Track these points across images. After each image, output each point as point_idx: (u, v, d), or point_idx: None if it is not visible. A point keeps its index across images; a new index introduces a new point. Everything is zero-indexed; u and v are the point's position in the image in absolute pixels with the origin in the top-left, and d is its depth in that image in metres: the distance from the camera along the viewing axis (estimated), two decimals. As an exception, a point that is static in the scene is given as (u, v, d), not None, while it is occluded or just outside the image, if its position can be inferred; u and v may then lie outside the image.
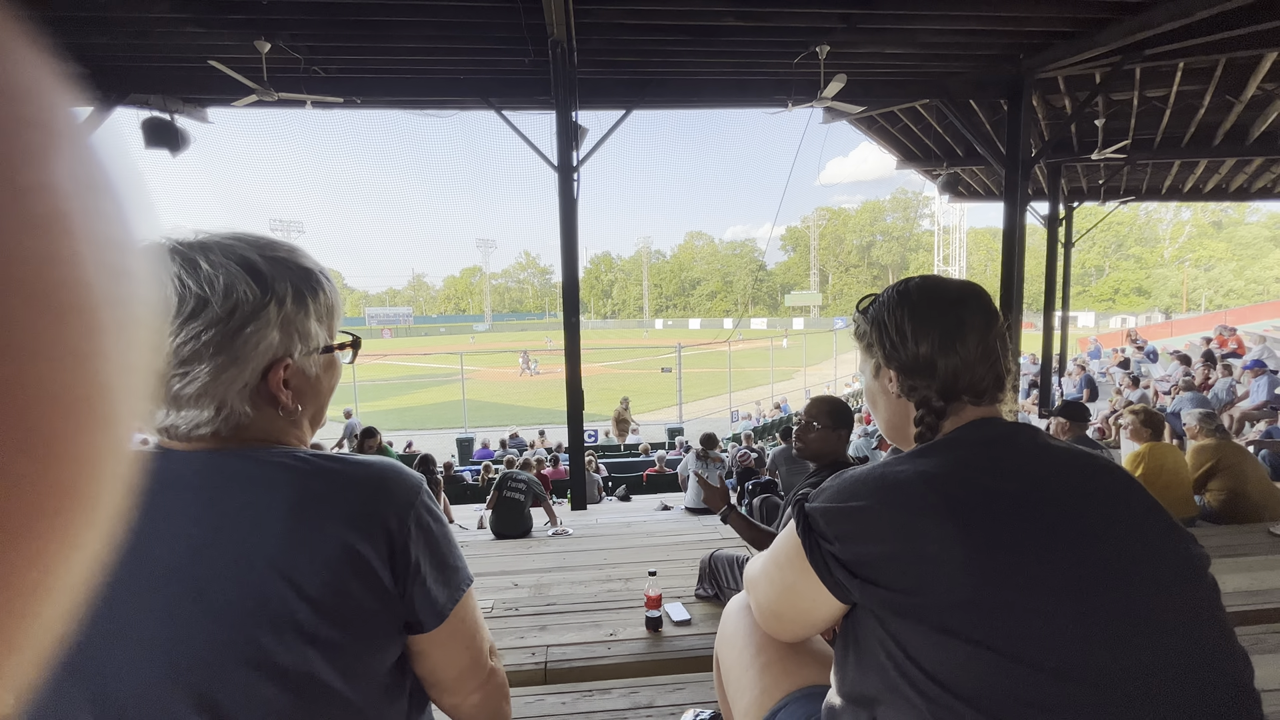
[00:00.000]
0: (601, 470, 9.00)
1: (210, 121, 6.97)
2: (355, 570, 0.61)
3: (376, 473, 0.66)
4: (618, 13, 4.95)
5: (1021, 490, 0.72)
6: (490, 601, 2.97)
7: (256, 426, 0.65)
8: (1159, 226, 60.15)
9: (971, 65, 6.14)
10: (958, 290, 0.86)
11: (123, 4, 4.66)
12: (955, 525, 0.68)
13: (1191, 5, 4.60)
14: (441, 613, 0.67)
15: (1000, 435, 0.79)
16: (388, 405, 20.96)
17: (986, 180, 11.28)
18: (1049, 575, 0.66)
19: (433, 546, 0.67)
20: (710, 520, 4.94)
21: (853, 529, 0.73)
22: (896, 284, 0.89)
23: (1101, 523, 0.70)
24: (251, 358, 0.63)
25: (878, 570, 0.71)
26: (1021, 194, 6.49)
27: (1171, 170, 10.75)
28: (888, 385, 0.88)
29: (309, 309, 0.67)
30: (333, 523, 0.61)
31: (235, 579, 0.58)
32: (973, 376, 0.82)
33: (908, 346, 0.84)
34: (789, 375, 24.98)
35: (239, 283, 0.61)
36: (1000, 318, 0.85)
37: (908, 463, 0.76)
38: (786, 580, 0.83)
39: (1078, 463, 0.76)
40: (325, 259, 4.74)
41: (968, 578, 0.66)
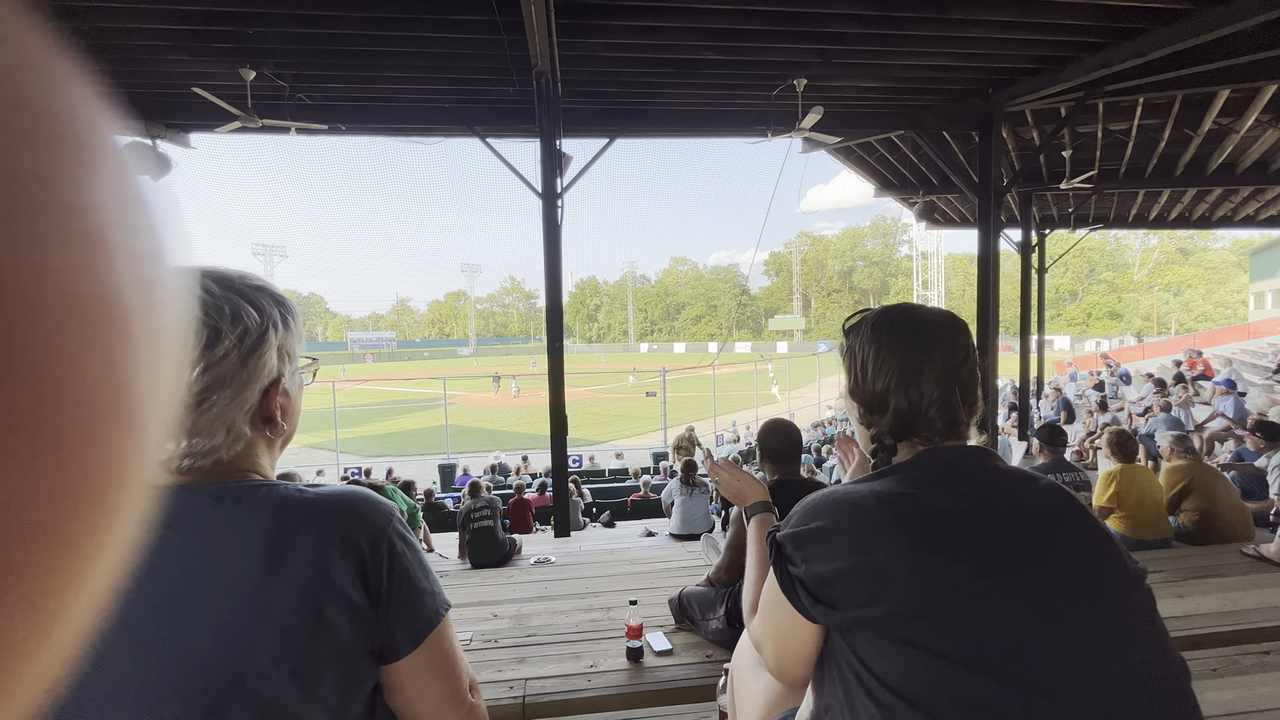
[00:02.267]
0: (585, 496, 8.91)
1: (193, 147, 6.95)
2: (330, 596, 0.61)
3: (347, 500, 0.67)
4: (601, 45, 5.07)
5: (968, 506, 0.76)
6: (469, 634, 2.91)
7: (243, 454, 0.67)
8: (1128, 253, 62.10)
9: (943, 99, 6.37)
10: (929, 328, 0.86)
11: (107, 31, 4.68)
12: (905, 537, 0.72)
13: (1146, 45, 4.83)
14: (417, 637, 0.67)
15: (952, 459, 0.82)
16: (369, 431, 20.63)
17: (961, 208, 11.59)
18: (994, 584, 0.70)
19: (407, 570, 0.68)
20: (694, 547, 4.90)
21: (815, 549, 0.76)
22: (879, 311, 0.90)
23: (1044, 536, 0.74)
24: (258, 380, 0.66)
25: (835, 589, 0.74)
26: (994, 221, 6.68)
27: (1137, 199, 11.14)
28: (854, 411, 0.92)
29: (293, 330, 0.71)
30: (306, 551, 0.61)
31: (211, 616, 0.58)
32: (924, 420, 0.83)
33: (867, 381, 0.87)
34: (773, 399, 25.09)
35: (241, 310, 0.65)
36: (970, 357, 0.86)
37: (864, 484, 0.80)
38: (773, 621, 0.84)
39: (1023, 482, 0.80)
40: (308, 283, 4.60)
41: (916, 587, 0.70)
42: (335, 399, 17.02)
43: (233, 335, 0.63)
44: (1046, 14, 4.60)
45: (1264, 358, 14.31)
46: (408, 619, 0.66)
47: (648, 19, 4.64)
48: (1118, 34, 4.93)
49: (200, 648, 0.57)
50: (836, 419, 20.01)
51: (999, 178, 6.64)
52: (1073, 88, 5.70)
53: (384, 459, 14.91)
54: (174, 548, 0.60)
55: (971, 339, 0.88)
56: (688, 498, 5.64)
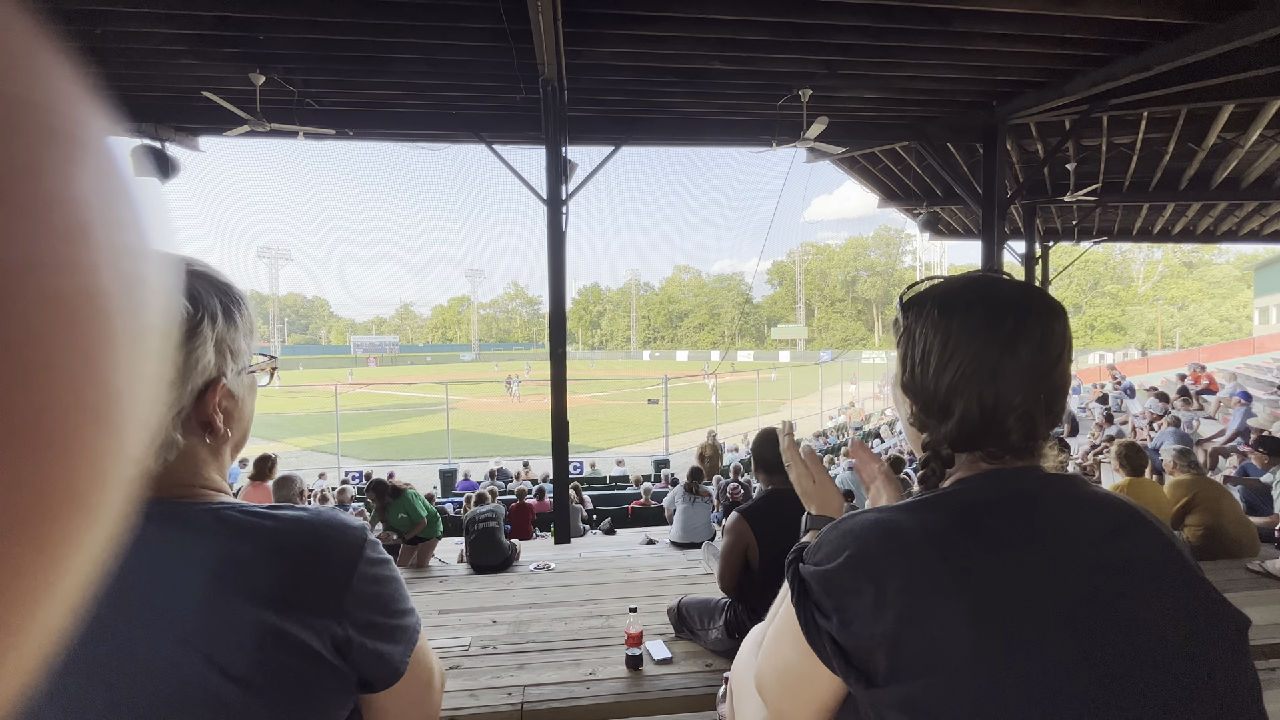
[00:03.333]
0: (586, 502, 8.89)
1: (201, 150, 7.01)
2: (288, 649, 0.55)
3: (309, 534, 0.59)
4: (607, 54, 5.11)
5: (1046, 565, 0.61)
6: (468, 639, 2.90)
7: (181, 463, 0.60)
8: (1132, 265, 62.06)
9: (947, 110, 6.39)
10: (1017, 315, 0.66)
11: (120, 35, 4.73)
12: (965, 604, 0.58)
13: (1150, 59, 4.85)
14: (398, 669, 0.63)
15: (1025, 490, 0.66)
16: (371, 435, 20.64)
17: (965, 219, 11.61)
18: (1070, 677, 0.56)
19: (380, 608, 0.62)
20: (695, 555, 4.88)
21: (850, 601, 0.62)
22: (949, 284, 0.72)
23: (1139, 609, 0.59)
24: (189, 379, 0.59)
25: (870, 657, 0.61)
26: (998, 233, 6.69)
27: (1141, 212, 11.15)
28: (905, 408, 0.75)
29: (238, 325, 0.63)
30: (257, 602, 0.54)
31: (146, 661, 0.52)
32: (997, 431, 0.67)
33: (928, 375, 0.69)
34: (775, 408, 25.05)
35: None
36: (1065, 355, 0.68)
37: (912, 514, 0.64)
38: (784, 658, 0.70)
39: (1113, 527, 0.64)
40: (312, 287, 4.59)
41: (974, 672, 0.56)
42: (338, 402, 17.04)
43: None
44: (1051, 28, 4.63)
45: (1269, 373, 14.25)
46: (385, 654, 0.62)
47: (654, 28, 4.67)
48: (1122, 48, 4.95)
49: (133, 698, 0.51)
50: (848, 427, 19.96)
51: (1003, 190, 6.66)
52: (1077, 101, 5.72)
53: (385, 462, 14.90)
54: (109, 575, 0.52)
55: (1069, 329, 0.68)
56: (690, 506, 5.62)
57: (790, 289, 78.96)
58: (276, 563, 0.57)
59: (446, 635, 2.96)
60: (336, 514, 0.63)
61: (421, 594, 3.91)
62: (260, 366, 0.68)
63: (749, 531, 2.37)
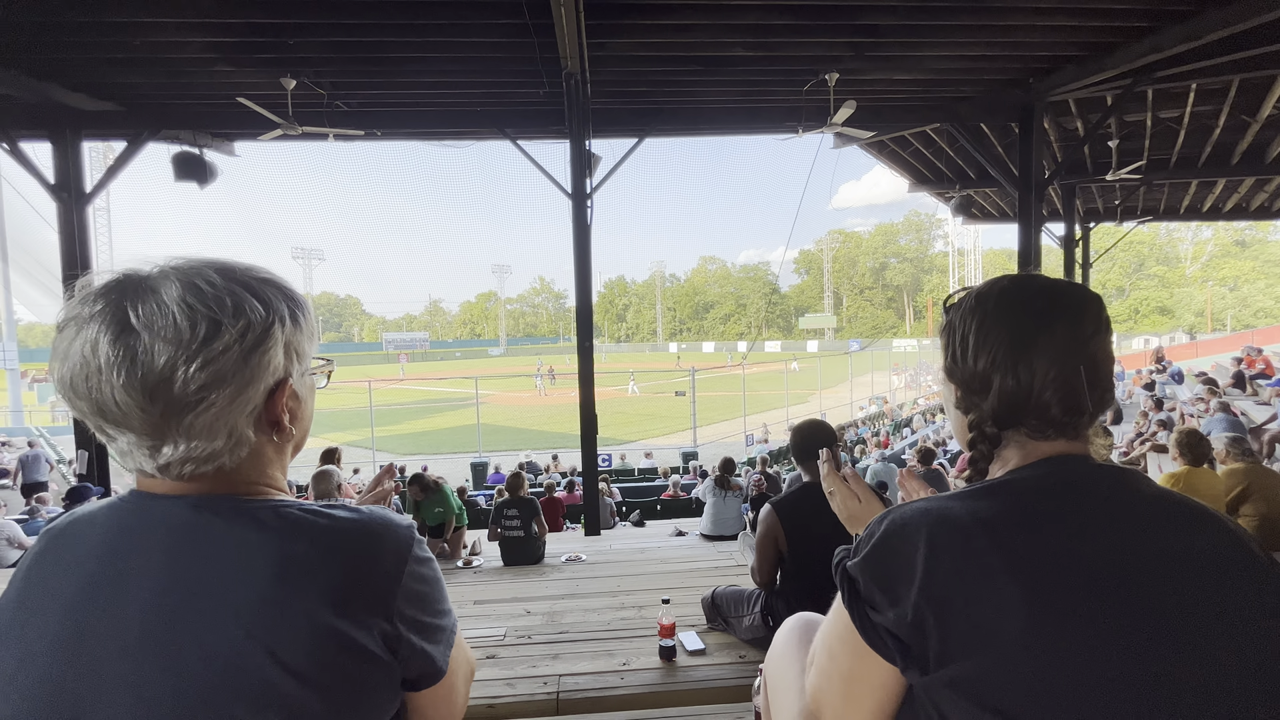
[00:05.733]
0: (615, 495, 8.94)
1: (236, 154, 7.22)
2: (343, 645, 0.57)
3: (363, 532, 0.61)
4: (629, 45, 5.08)
5: (1100, 554, 0.60)
6: (503, 629, 2.95)
7: (250, 461, 0.63)
8: (1180, 245, 59.35)
9: (980, 90, 6.19)
10: (1049, 297, 0.71)
11: (157, 45, 4.89)
12: (1018, 588, 0.58)
13: (1200, 28, 4.61)
14: (441, 669, 0.66)
15: (1078, 480, 0.66)
16: (404, 430, 21.10)
17: (1000, 202, 11.26)
18: (1125, 665, 0.56)
19: (425, 607, 0.64)
20: (725, 547, 4.88)
21: (900, 585, 0.62)
22: (989, 281, 0.77)
23: (1198, 605, 0.58)
24: (262, 379, 0.61)
25: (927, 645, 0.60)
26: (1035, 216, 6.47)
27: (1189, 190, 10.65)
28: (951, 395, 0.78)
29: (302, 328, 0.65)
30: (315, 598, 0.56)
31: (209, 650, 0.53)
32: (1037, 405, 0.69)
33: (967, 358, 0.73)
34: (804, 399, 24.78)
35: (244, 302, 0.59)
36: (1101, 333, 0.71)
37: (961, 501, 0.65)
38: (841, 667, 0.69)
39: (1178, 520, 0.63)
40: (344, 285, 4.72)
41: (1027, 654, 0.56)
42: (371, 398, 17.45)
43: (234, 329, 0.58)
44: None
45: (1330, 355, 13.50)
46: (429, 654, 0.64)
47: (677, 17, 4.62)
48: (1168, 17, 4.72)
49: (197, 683, 0.53)
50: (873, 416, 19.66)
51: (1040, 170, 6.43)
52: (1120, 75, 5.47)
53: (418, 457, 15.22)
54: (163, 575, 0.56)
55: (1104, 312, 0.71)
56: (720, 500, 5.61)
57: (818, 278, 77.75)
58: (332, 560, 0.59)
59: (482, 625, 3.02)
60: (387, 514, 0.65)
61: (456, 584, 3.99)
62: (320, 369, 0.71)
63: (777, 523, 2.37)
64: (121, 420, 0.56)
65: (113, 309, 0.56)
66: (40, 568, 0.60)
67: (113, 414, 0.56)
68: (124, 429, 0.57)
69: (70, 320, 0.57)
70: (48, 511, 8.09)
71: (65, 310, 0.58)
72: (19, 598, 0.59)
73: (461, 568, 4.60)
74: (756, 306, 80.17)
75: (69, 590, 0.57)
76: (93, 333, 0.55)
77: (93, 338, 0.55)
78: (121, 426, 0.57)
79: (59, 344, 0.57)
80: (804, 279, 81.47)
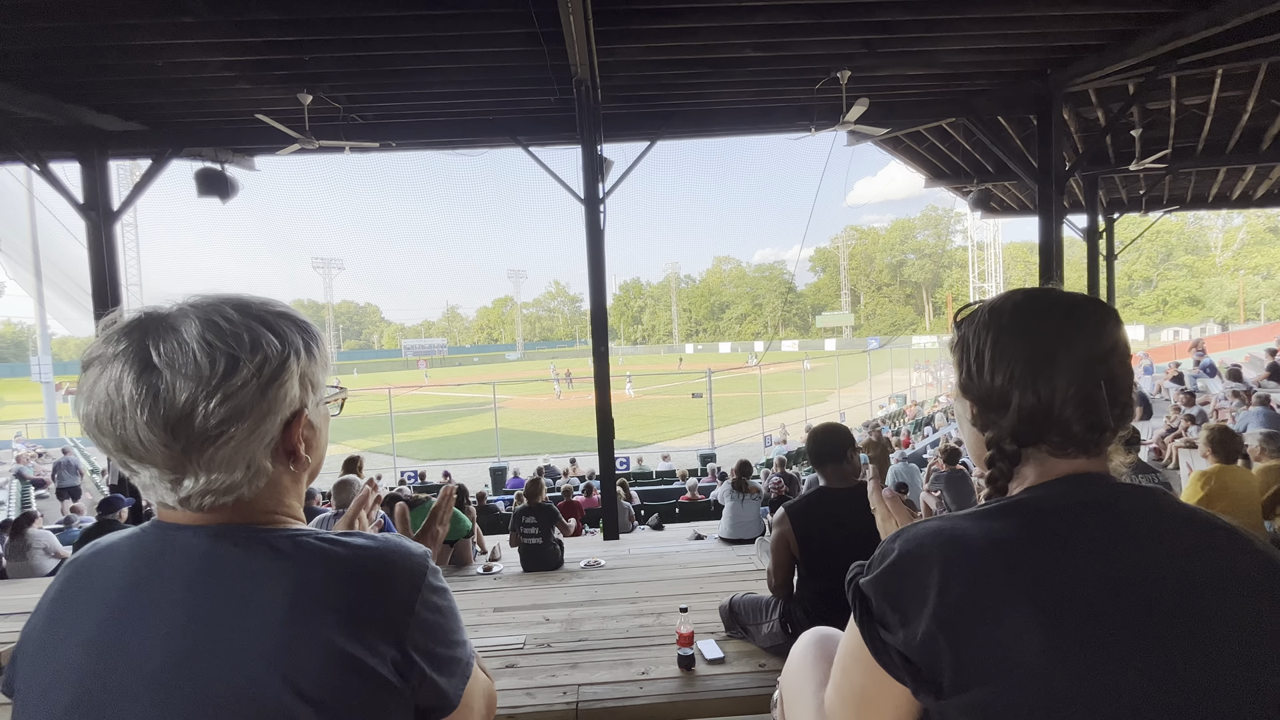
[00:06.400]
0: (633, 498, 8.94)
1: (257, 169, 7.37)
2: (357, 672, 0.57)
3: (376, 561, 0.63)
4: (639, 50, 5.08)
5: (1120, 576, 0.58)
6: (522, 637, 2.96)
7: (267, 491, 0.65)
8: (1209, 234, 57.71)
9: (997, 82, 6.08)
10: (1064, 311, 0.69)
11: (179, 66, 5.01)
12: (1034, 613, 0.57)
13: (1224, 13, 4.48)
14: (453, 702, 0.66)
15: (1098, 499, 0.65)
16: (424, 435, 21.33)
17: (1020, 195, 11.05)
18: (1146, 692, 0.54)
19: (438, 637, 0.64)
20: (744, 551, 4.84)
21: (913, 608, 0.61)
22: (1002, 295, 0.75)
23: (1222, 629, 0.57)
24: (279, 411, 0.62)
25: (940, 668, 0.59)
26: (1056, 208, 6.33)
27: (1218, 177, 10.35)
28: (966, 411, 0.77)
29: (316, 359, 0.67)
30: (330, 625, 0.57)
31: (229, 679, 0.55)
32: (1058, 422, 0.67)
33: (983, 374, 0.71)
34: (822, 398, 24.56)
35: (261, 337, 0.61)
36: (1120, 348, 0.69)
37: (976, 521, 0.64)
38: (855, 685, 0.69)
39: (1200, 539, 0.61)
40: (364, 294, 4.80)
41: (1045, 680, 0.55)
42: (391, 404, 17.67)
43: (251, 364, 0.59)
44: (1110, -13, 4.33)
45: (1371, 344, 13.02)
46: (441, 687, 0.64)
47: (686, 20, 4.62)
48: (1191, 2, 4.59)
49: (218, 712, 0.54)
50: (903, 416, 19.41)
51: (1060, 162, 6.29)
52: (1142, 62, 5.33)
53: (438, 462, 15.38)
54: (183, 605, 0.57)
55: (1122, 327, 0.70)
56: (738, 503, 5.58)
57: (834, 275, 77.03)
58: (347, 587, 0.60)
59: (501, 633, 3.03)
60: (402, 542, 0.66)
61: (475, 591, 4.02)
62: (333, 398, 0.73)
63: (790, 527, 2.35)
64: (145, 456, 0.58)
65: (135, 348, 0.58)
66: (64, 599, 0.62)
67: (136, 450, 0.58)
68: (147, 464, 0.59)
69: (95, 359, 0.59)
70: (81, 521, 8.32)
71: (90, 350, 0.60)
72: (44, 628, 0.61)
73: (481, 574, 4.63)
74: (773, 306, 79.68)
75: (92, 621, 0.58)
76: (116, 371, 0.57)
77: (116, 376, 0.57)
78: (145, 461, 0.59)
79: (84, 382, 0.59)
80: (820, 277, 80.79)
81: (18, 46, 4.57)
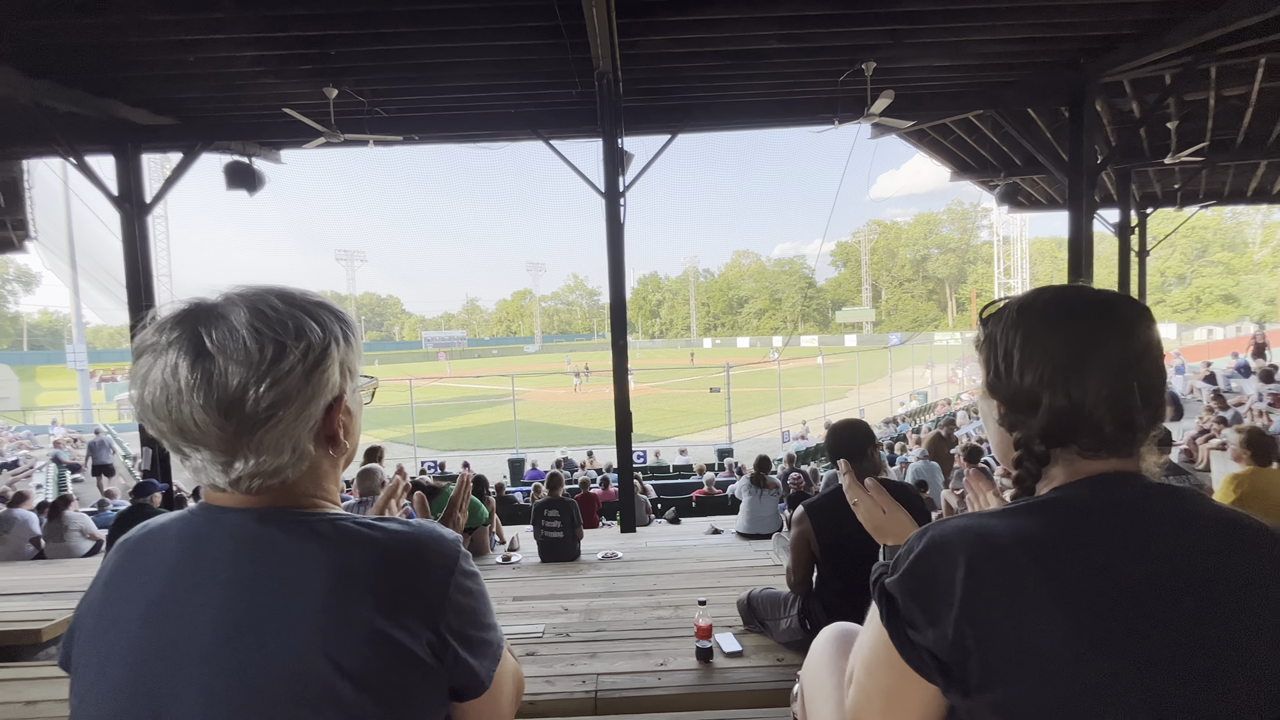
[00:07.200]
0: (650, 491, 8.96)
1: (283, 162, 7.49)
2: (394, 651, 0.60)
3: (412, 545, 0.65)
4: (661, 43, 5.06)
5: (1150, 577, 0.58)
6: (541, 626, 3.00)
7: (308, 475, 0.67)
8: (1247, 230, 55.82)
9: (1028, 73, 5.94)
10: (1096, 310, 0.68)
11: (210, 61, 5.10)
12: (1063, 611, 0.57)
13: (1268, 1, 4.32)
14: (484, 683, 0.68)
15: (1128, 499, 0.64)
16: (443, 426, 21.59)
17: (1049, 189, 10.79)
18: (1174, 693, 0.55)
19: (470, 619, 0.66)
20: (761, 546, 4.84)
21: (940, 606, 0.61)
22: (1029, 293, 0.74)
23: (1253, 633, 0.57)
24: (322, 396, 0.65)
25: (968, 666, 0.59)
26: (1087, 202, 6.18)
27: (1258, 171, 10.01)
28: (992, 411, 0.76)
29: (354, 347, 0.70)
30: (369, 606, 0.60)
31: (275, 655, 0.57)
32: (1089, 423, 0.66)
33: (1011, 376, 0.70)
34: (841, 394, 24.33)
35: (305, 325, 0.64)
36: (1153, 348, 0.68)
37: (1003, 519, 0.63)
38: (881, 686, 0.68)
39: (1230, 538, 0.61)
40: (386, 286, 4.89)
41: (1072, 679, 0.55)
42: (412, 395, 17.91)
43: (297, 350, 0.62)
44: (1148, -26, 4.20)
45: None
46: (474, 667, 0.66)
47: (709, 12, 4.58)
48: (1235, -11, 4.44)
49: (262, 688, 0.56)
50: (923, 412, 19.17)
51: (1092, 155, 6.13)
52: (1180, 52, 5.17)
53: (457, 453, 15.58)
54: (229, 584, 0.60)
55: (1154, 325, 0.69)
56: (756, 498, 5.57)
57: (855, 270, 76.09)
58: (385, 570, 0.62)
59: (521, 621, 3.08)
60: (436, 528, 0.69)
61: (495, 581, 4.07)
62: (366, 386, 0.75)
63: (810, 526, 2.33)
64: (200, 438, 0.61)
65: (189, 335, 0.60)
66: (118, 578, 0.64)
67: (191, 433, 0.60)
68: (201, 446, 0.61)
69: (148, 348, 0.61)
70: (115, 504, 8.59)
71: (140, 339, 0.62)
72: (100, 607, 0.64)
73: (500, 563, 4.69)
74: (792, 300, 78.98)
75: (145, 599, 0.61)
76: (172, 358, 0.59)
77: (172, 363, 0.59)
78: (199, 444, 0.61)
79: (138, 370, 0.61)
80: (841, 272, 79.84)
81: (58, 41, 4.70)
